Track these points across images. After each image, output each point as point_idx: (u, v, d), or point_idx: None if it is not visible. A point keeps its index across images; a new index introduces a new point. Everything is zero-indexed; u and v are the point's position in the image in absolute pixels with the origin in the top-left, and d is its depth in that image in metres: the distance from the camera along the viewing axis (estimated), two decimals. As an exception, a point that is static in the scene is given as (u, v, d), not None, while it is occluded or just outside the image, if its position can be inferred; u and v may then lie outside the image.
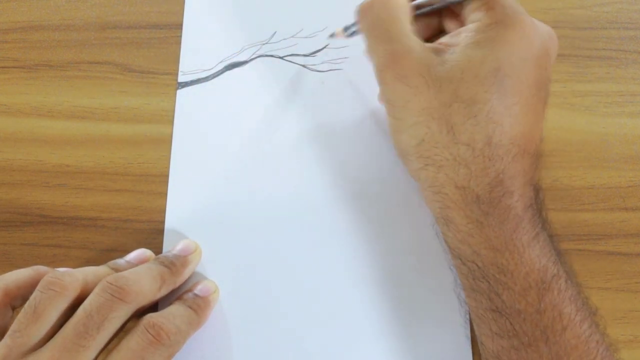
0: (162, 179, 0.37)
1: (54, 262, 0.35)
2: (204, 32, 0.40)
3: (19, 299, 0.29)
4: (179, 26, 0.40)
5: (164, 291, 0.31)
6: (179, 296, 0.33)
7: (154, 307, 0.32)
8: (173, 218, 0.36)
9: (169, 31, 0.40)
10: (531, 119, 0.29)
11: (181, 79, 0.39)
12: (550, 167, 0.37)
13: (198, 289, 0.33)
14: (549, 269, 0.28)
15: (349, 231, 0.35)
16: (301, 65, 0.39)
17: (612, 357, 0.28)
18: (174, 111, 0.38)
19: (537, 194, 0.30)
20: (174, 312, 0.30)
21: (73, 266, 0.32)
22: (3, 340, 0.27)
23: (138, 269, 0.31)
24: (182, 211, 0.36)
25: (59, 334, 0.27)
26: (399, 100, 0.30)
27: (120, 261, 0.33)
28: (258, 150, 0.37)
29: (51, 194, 0.37)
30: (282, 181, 0.36)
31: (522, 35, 0.29)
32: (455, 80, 0.29)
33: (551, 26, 0.31)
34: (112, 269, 0.31)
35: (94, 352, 0.27)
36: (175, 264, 0.32)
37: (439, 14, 0.33)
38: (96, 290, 0.28)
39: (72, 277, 0.29)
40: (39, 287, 0.28)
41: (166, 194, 0.36)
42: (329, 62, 0.39)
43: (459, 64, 0.29)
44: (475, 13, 0.30)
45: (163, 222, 0.36)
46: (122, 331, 0.29)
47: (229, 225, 0.36)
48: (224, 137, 0.37)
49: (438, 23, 0.33)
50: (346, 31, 0.37)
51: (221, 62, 0.39)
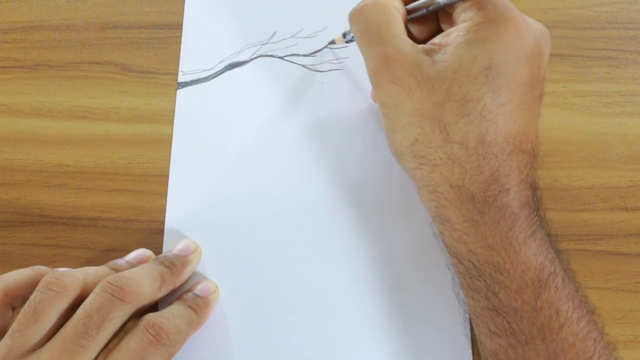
0: (162, 179, 0.37)
1: (54, 262, 0.35)
2: (204, 32, 0.40)
3: (18, 299, 0.29)
4: (179, 26, 0.40)
5: (164, 291, 0.31)
6: (179, 296, 0.33)
7: (154, 307, 0.32)
8: (173, 218, 0.36)
9: (169, 31, 0.40)
10: (526, 117, 0.29)
11: (181, 79, 0.39)
12: (550, 167, 0.37)
13: (198, 289, 0.33)
14: (546, 267, 0.28)
15: (348, 231, 0.35)
16: (301, 65, 0.39)
17: (610, 354, 0.28)
18: (174, 111, 0.38)
19: (534, 192, 0.30)
20: (174, 312, 0.30)
21: (73, 266, 0.32)
22: (3, 340, 0.27)
23: (138, 269, 0.31)
24: (182, 211, 0.36)
25: (58, 334, 0.27)
26: (391, 101, 0.30)
27: (120, 261, 0.33)
28: (258, 150, 0.37)
29: (51, 194, 0.37)
30: (282, 181, 0.36)
31: (514, 33, 0.29)
32: (448, 80, 0.29)
33: (551, 26, 0.31)
34: (112, 269, 0.31)
35: (94, 352, 0.27)
36: (175, 264, 0.32)
37: (435, 15, 0.33)
38: (96, 290, 0.28)
39: (72, 277, 0.29)
40: (38, 287, 0.28)
41: (166, 194, 0.36)
42: (329, 62, 0.39)
43: (450, 63, 0.29)
44: (466, 12, 0.30)
45: (163, 222, 0.36)
46: (122, 331, 0.29)
47: (229, 225, 0.36)
48: (224, 137, 0.37)
49: (435, 25, 0.33)
50: (345, 37, 0.37)
51: (221, 62, 0.39)
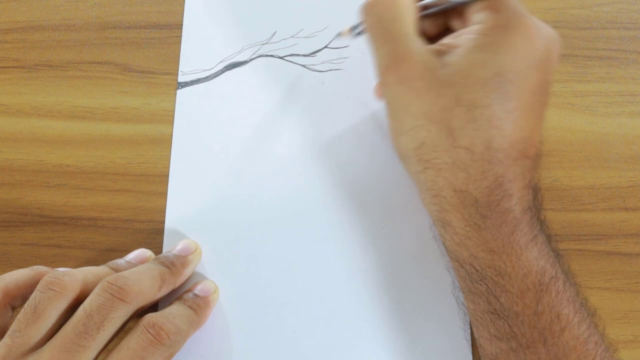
0: (162, 179, 0.37)
1: (54, 262, 0.35)
2: (204, 32, 0.40)
3: (18, 299, 0.29)
4: (179, 26, 0.40)
5: (164, 291, 0.31)
6: (179, 296, 0.33)
7: (154, 307, 0.32)
8: (173, 218, 0.36)
9: (169, 31, 0.40)
10: (531, 123, 0.29)
11: (181, 79, 0.39)
12: (550, 167, 0.37)
13: (198, 289, 0.33)
14: (547, 270, 0.28)
15: (348, 232, 0.35)
16: (301, 65, 0.39)
17: (612, 357, 0.28)
18: (174, 111, 0.38)
19: (535, 195, 0.30)
20: (174, 312, 0.30)
21: (73, 266, 0.32)
22: (3, 340, 0.27)
23: (138, 269, 0.31)
24: (182, 211, 0.36)
25: (58, 333, 0.27)
26: (399, 102, 0.30)
27: (120, 261, 0.33)
28: (258, 150, 0.37)
29: (51, 194, 0.37)
30: (281, 181, 0.36)
31: (525, 39, 0.29)
32: (457, 85, 0.29)
33: (551, 26, 0.30)
34: (112, 269, 0.31)
35: (94, 352, 0.27)
36: (175, 264, 0.32)
37: (445, 12, 0.33)
38: (96, 290, 0.28)
39: (72, 277, 0.28)
40: (38, 287, 0.28)
41: (166, 194, 0.36)
42: (329, 62, 0.39)
43: (461, 67, 0.29)
44: (480, 13, 0.30)
45: (163, 222, 0.36)
46: (122, 331, 0.29)
47: (229, 225, 0.36)
48: (224, 137, 0.37)
49: (444, 21, 0.33)
50: (353, 30, 0.36)
51: (221, 62, 0.39)
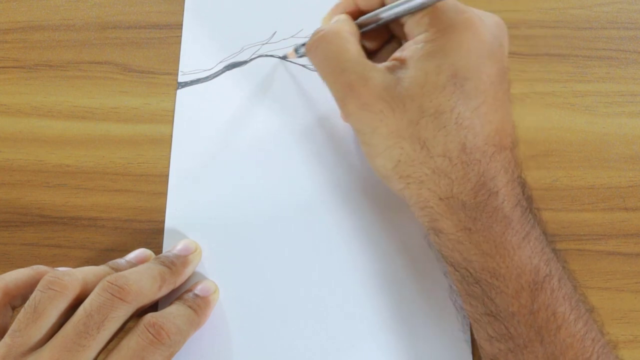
0: (162, 179, 0.37)
1: (54, 262, 0.35)
2: (204, 32, 0.40)
3: (18, 298, 0.29)
4: (179, 26, 0.40)
5: (164, 291, 0.31)
6: (179, 296, 0.33)
7: (154, 307, 0.32)
8: (173, 218, 0.36)
9: (169, 31, 0.40)
10: (500, 114, 0.29)
11: (181, 79, 0.39)
12: (550, 167, 0.37)
13: (198, 289, 0.33)
14: (541, 269, 0.28)
15: (348, 232, 0.35)
16: (301, 65, 0.39)
17: (611, 353, 0.28)
18: (174, 111, 0.38)
19: (523, 189, 0.29)
20: (174, 312, 0.30)
21: (73, 266, 0.32)
22: (3, 340, 0.27)
23: (138, 268, 0.31)
24: (182, 211, 0.36)
25: (59, 333, 0.27)
26: (367, 127, 0.30)
27: (120, 261, 0.33)
28: (258, 150, 0.37)
29: (51, 194, 0.37)
30: (282, 181, 0.36)
31: (471, 34, 0.29)
32: (417, 96, 0.29)
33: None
34: (112, 268, 0.31)
35: (94, 352, 0.27)
36: (175, 264, 0.32)
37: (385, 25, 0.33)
38: (96, 290, 0.28)
39: (72, 276, 0.28)
40: (38, 286, 0.28)
41: (166, 194, 0.36)
42: (329, 62, 0.39)
43: (416, 78, 0.29)
44: (419, 24, 0.30)
45: (163, 222, 0.36)
46: (122, 331, 0.29)
47: (229, 225, 0.36)
48: (224, 137, 0.37)
49: (387, 32, 0.33)
50: (297, 52, 0.37)
51: (221, 62, 0.39)
